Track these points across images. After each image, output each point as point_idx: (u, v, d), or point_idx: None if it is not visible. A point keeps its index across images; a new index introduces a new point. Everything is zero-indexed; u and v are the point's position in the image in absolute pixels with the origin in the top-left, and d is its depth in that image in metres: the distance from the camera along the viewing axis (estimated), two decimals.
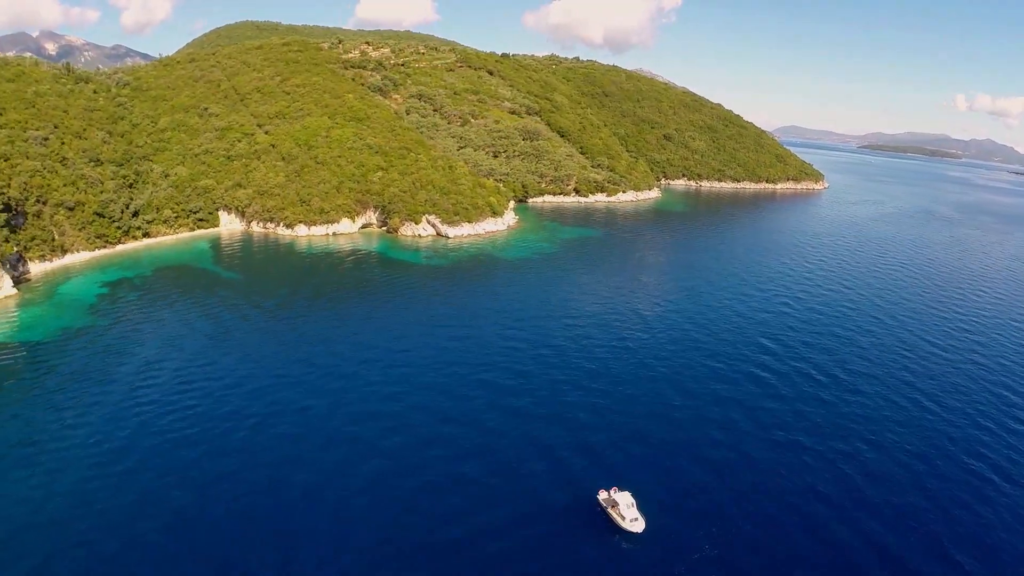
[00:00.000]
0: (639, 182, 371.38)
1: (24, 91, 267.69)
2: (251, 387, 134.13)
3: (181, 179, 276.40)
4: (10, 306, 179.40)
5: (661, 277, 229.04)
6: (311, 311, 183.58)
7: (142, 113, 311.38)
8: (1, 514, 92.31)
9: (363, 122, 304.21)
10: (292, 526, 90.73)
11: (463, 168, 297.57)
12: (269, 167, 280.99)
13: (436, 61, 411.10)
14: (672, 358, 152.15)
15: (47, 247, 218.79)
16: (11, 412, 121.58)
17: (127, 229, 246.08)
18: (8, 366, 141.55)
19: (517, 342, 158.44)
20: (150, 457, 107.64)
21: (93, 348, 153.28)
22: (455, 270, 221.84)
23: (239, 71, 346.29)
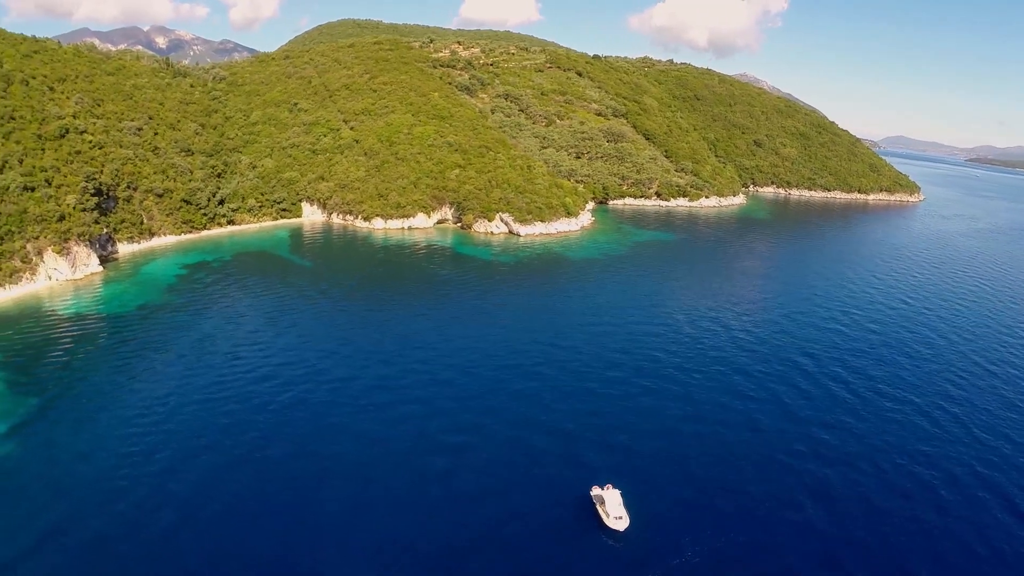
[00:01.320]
0: (723, 188, 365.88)
1: (123, 84, 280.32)
2: (293, 363, 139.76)
3: (267, 171, 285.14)
4: (96, 282, 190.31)
5: (718, 283, 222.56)
6: (374, 300, 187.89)
7: (235, 107, 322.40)
8: (66, 458, 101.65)
9: (446, 120, 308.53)
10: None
11: (541, 168, 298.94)
12: (351, 161, 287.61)
13: (525, 61, 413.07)
14: (696, 368, 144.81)
15: (135, 230, 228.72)
16: (83, 375, 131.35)
17: (212, 216, 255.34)
18: (86, 335, 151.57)
19: (549, 342, 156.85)
20: (188, 418, 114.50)
21: (164, 322, 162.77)
22: (519, 268, 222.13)
23: (330, 68, 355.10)
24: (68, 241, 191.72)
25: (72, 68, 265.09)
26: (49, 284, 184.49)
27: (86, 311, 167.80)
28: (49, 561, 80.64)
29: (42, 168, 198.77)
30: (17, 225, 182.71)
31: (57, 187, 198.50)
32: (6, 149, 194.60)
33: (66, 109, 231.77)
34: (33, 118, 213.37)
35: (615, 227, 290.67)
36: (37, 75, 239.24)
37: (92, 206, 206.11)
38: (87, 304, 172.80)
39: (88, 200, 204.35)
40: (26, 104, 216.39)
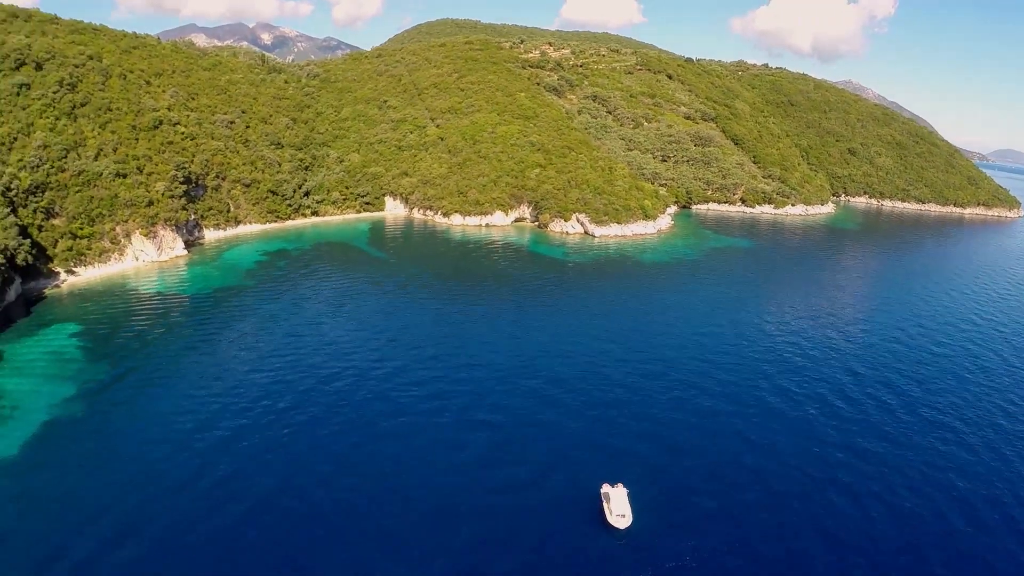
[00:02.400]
0: (811, 196, 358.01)
1: (218, 79, 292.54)
2: (348, 346, 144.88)
3: (354, 165, 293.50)
4: (179, 264, 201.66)
5: (784, 291, 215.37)
6: (439, 292, 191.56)
7: (327, 103, 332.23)
8: (124, 421, 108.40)
9: (530, 120, 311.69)
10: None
11: (623, 170, 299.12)
12: (435, 158, 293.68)
13: (615, 63, 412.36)
14: (733, 375, 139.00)
15: (222, 217, 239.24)
16: (153, 348, 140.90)
17: (297, 207, 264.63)
18: (163, 312, 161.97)
19: (587, 344, 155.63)
20: (242, 391, 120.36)
21: (237, 304, 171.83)
22: (588, 268, 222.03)
23: (420, 67, 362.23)
24: (155, 225, 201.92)
25: (169, 63, 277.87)
26: (135, 265, 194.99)
27: (166, 291, 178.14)
28: (108, 511, 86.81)
29: (134, 156, 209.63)
30: (108, 209, 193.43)
31: (148, 175, 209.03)
32: (102, 138, 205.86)
33: (161, 102, 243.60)
34: (129, 110, 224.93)
35: (693, 232, 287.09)
36: (135, 69, 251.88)
37: (180, 193, 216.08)
38: (168, 284, 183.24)
39: (176, 188, 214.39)
40: (123, 97, 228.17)
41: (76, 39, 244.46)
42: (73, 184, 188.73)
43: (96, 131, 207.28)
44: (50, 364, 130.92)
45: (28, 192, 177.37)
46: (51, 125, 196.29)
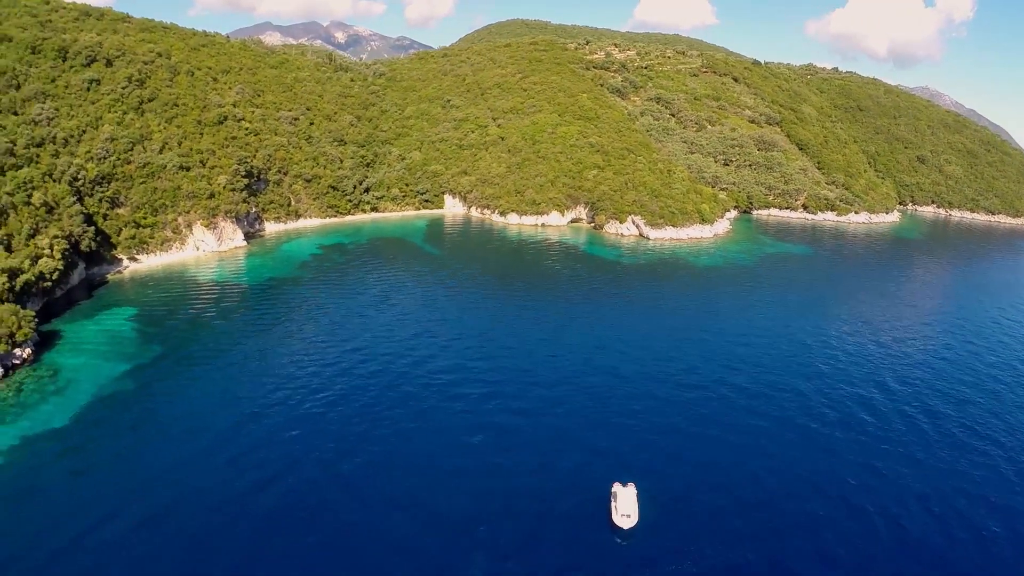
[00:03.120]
0: (875, 204, 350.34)
1: (284, 77, 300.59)
2: (385, 337, 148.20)
3: (415, 163, 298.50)
4: (238, 255, 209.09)
5: (831, 300, 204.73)
6: (487, 288, 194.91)
7: (391, 101, 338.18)
8: (166, 398, 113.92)
9: (591, 121, 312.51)
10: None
11: (682, 173, 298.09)
12: (494, 158, 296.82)
13: (680, 65, 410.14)
14: (758, 388, 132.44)
15: (283, 211, 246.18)
16: (203, 331, 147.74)
17: (357, 203, 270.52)
18: (217, 299, 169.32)
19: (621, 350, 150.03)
20: (280, 373, 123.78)
21: (288, 293, 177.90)
22: (639, 270, 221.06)
23: (485, 67, 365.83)
24: (216, 216, 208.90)
25: (237, 61, 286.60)
26: (196, 254, 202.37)
27: (223, 279, 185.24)
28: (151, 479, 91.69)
29: (198, 150, 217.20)
30: (171, 200, 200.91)
31: (210, 168, 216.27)
32: (167, 132, 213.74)
33: (227, 98, 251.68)
34: (195, 105, 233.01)
35: (750, 237, 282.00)
36: (203, 67, 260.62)
37: (241, 187, 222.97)
38: (225, 273, 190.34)
39: (238, 181, 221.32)
40: (190, 93, 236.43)
41: (146, 37, 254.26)
42: (138, 175, 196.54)
43: (162, 125, 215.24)
44: (105, 343, 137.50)
45: (94, 182, 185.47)
46: (119, 119, 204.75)
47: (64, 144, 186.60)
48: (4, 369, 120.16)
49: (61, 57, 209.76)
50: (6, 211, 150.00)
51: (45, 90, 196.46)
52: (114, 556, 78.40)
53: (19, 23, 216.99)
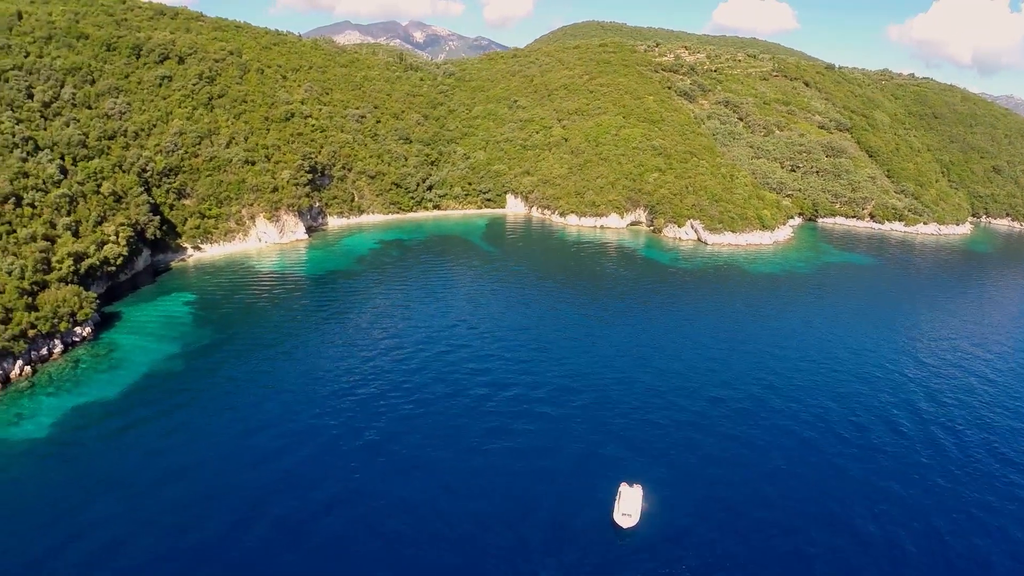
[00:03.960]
0: (944, 215, 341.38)
1: (354, 75, 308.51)
2: (426, 330, 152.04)
3: (478, 162, 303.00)
4: (299, 247, 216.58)
5: (888, 315, 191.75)
6: (535, 287, 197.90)
7: (459, 101, 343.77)
8: (213, 378, 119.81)
9: (656, 124, 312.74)
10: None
11: (745, 178, 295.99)
12: (557, 159, 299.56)
13: (751, 69, 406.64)
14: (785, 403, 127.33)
15: (346, 206, 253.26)
16: (257, 319, 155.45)
17: (420, 200, 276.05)
18: (274, 288, 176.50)
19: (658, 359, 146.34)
20: (326, 361, 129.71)
21: (342, 286, 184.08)
22: (692, 275, 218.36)
23: (553, 68, 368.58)
24: (278, 210, 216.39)
25: (307, 59, 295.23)
26: (258, 245, 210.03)
27: (281, 270, 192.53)
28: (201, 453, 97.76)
29: (264, 146, 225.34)
30: (235, 192, 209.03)
31: (275, 163, 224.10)
32: (235, 127, 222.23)
33: (295, 95, 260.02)
34: (263, 102, 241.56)
35: (812, 245, 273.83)
36: (272, 65, 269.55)
37: (305, 182, 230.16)
38: (284, 264, 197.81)
39: (302, 176, 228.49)
40: (259, 90, 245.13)
41: (218, 36, 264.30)
42: (204, 168, 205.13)
43: (230, 121, 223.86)
44: (161, 326, 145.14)
45: (162, 174, 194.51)
46: (188, 114, 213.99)
47: (135, 137, 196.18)
48: (64, 345, 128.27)
49: (135, 54, 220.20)
50: (76, 199, 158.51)
51: (118, 86, 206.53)
52: (132, 515, 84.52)
53: (96, 22, 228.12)
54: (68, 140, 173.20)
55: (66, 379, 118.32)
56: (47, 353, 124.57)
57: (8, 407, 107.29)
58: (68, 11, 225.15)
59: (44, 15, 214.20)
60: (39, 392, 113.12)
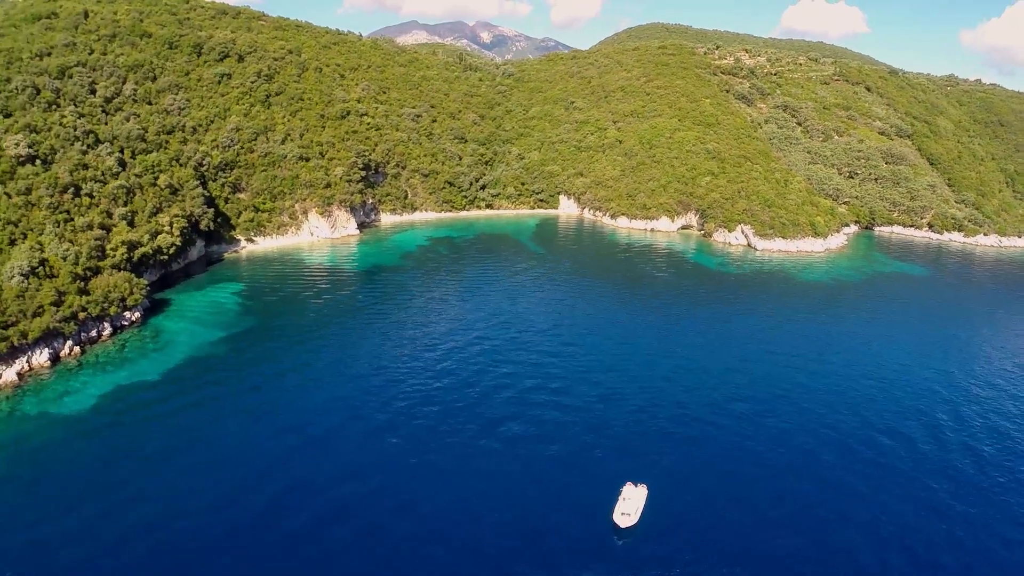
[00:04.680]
0: (1006, 226, 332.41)
1: (412, 75, 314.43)
2: (458, 324, 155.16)
3: (532, 162, 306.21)
4: (350, 242, 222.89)
5: (929, 329, 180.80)
6: (577, 287, 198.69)
7: (517, 101, 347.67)
8: (250, 364, 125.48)
9: (711, 127, 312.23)
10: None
11: (799, 184, 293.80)
12: (610, 160, 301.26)
13: (812, 73, 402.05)
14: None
15: (399, 203, 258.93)
16: (300, 308, 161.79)
17: (473, 199, 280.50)
18: (320, 280, 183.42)
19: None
20: (359, 350, 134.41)
21: (385, 280, 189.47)
22: (737, 281, 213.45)
23: (611, 69, 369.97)
24: (331, 205, 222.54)
25: (366, 59, 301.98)
26: (310, 239, 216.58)
27: (329, 263, 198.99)
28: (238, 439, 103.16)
29: (318, 143, 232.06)
30: (289, 187, 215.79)
31: (329, 159, 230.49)
32: (290, 124, 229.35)
33: (352, 94, 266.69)
34: (320, 100, 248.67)
35: (864, 254, 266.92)
36: (331, 64, 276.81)
37: (358, 178, 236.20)
38: (332, 258, 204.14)
39: (355, 173, 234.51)
40: (316, 88, 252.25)
41: (279, 35, 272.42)
42: (259, 164, 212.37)
43: (286, 118, 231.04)
44: (208, 313, 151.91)
45: (218, 168, 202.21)
46: (245, 111, 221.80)
47: (192, 132, 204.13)
48: (113, 328, 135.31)
49: (196, 52, 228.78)
50: (133, 191, 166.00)
51: (179, 82, 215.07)
52: (160, 487, 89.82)
53: (159, 20, 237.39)
54: (128, 134, 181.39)
55: (112, 360, 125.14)
56: (96, 335, 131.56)
57: (56, 384, 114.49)
58: (133, 10, 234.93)
59: (109, 14, 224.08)
60: (86, 371, 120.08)
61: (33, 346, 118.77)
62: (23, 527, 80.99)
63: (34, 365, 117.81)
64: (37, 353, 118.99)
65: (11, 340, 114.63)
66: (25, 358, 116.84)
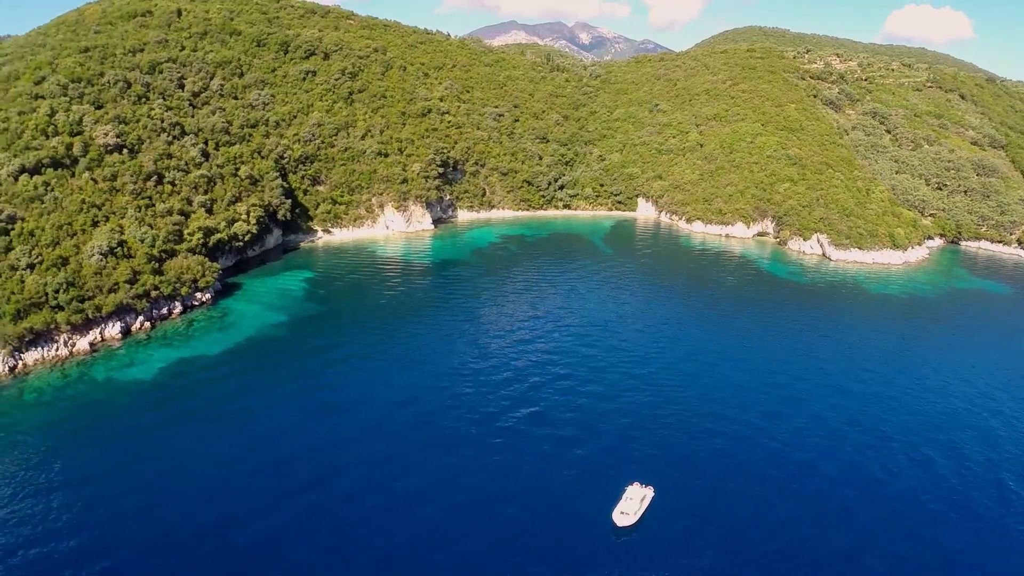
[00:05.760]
0: None
1: (497, 75, 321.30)
2: (500, 314, 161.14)
3: (613, 164, 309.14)
4: (424, 237, 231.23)
5: (996, 353, 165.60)
6: (633, 287, 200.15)
7: (602, 103, 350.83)
8: (302, 345, 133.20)
9: (794, 133, 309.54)
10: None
11: (881, 193, 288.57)
12: (689, 164, 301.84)
13: (904, 79, 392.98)
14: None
15: (476, 200, 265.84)
16: (361, 295, 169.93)
17: (550, 198, 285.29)
18: (387, 271, 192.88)
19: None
20: (413, 340, 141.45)
21: (449, 274, 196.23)
22: (802, 290, 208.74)
23: (697, 72, 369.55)
24: (406, 200, 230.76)
25: (452, 58, 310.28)
26: (385, 232, 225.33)
27: (399, 255, 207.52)
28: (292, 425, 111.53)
29: (398, 139, 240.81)
30: (367, 182, 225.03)
31: (407, 156, 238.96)
32: (371, 121, 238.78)
33: (434, 92, 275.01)
34: (402, 98, 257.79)
35: (945, 269, 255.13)
36: (415, 62, 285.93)
37: (435, 175, 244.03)
38: (404, 251, 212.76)
39: (432, 169, 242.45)
40: (399, 86, 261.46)
41: (365, 34, 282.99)
42: (339, 158, 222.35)
43: (368, 114, 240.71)
44: (276, 297, 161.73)
45: (299, 161, 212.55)
46: (328, 107, 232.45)
47: (275, 126, 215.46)
48: (183, 307, 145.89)
49: (283, 50, 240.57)
50: (214, 180, 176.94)
51: (264, 79, 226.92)
52: (207, 451, 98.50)
53: (249, 19, 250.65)
54: (212, 127, 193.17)
55: (179, 336, 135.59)
56: (167, 312, 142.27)
57: (124, 354, 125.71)
58: (224, 9, 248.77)
59: (202, 12, 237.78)
60: (152, 344, 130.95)
61: (106, 319, 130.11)
62: (80, 483, 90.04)
63: (106, 336, 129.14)
64: (110, 326, 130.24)
65: (86, 313, 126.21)
66: (98, 330, 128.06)
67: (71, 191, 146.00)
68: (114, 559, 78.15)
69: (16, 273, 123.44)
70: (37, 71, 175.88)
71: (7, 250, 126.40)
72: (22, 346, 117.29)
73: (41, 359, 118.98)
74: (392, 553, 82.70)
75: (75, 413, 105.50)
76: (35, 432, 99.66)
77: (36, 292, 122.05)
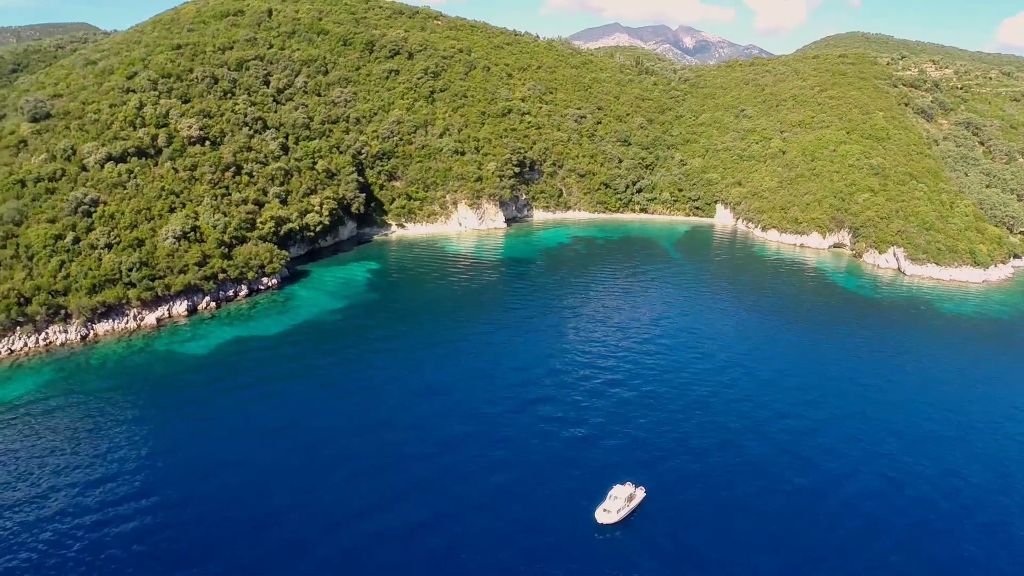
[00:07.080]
0: None
1: (582, 77, 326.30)
2: (550, 312, 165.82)
3: (693, 169, 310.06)
4: (496, 235, 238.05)
5: None
6: (691, 294, 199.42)
7: (689, 107, 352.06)
8: (355, 331, 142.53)
9: (880, 141, 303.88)
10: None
11: (967, 208, 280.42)
12: (769, 171, 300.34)
13: (1002, 88, 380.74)
14: None
15: (552, 201, 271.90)
16: (420, 289, 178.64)
17: (627, 202, 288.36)
18: (448, 265, 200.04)
19: None
20: (457, 332, 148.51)
21: (513, 272, 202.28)
22: (867, 305, 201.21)
23: (785, 78, 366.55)
24: (480, 198, 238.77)
25: (538, 59, 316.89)
26: (458, 229, 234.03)
27: (467, 252, 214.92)
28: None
29: (475, 138, 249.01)
30: (442, 179, 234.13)
31: (483, 155, 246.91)
32: (450, 120, 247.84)
33: (516, 93, 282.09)
34: (483, 98, 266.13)
35: None
36: (499, 63, 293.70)
37: (511, 174, 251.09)
38: (473, 248, 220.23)
39: (507, 169, 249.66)
40: (481, 86, 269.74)
41: (451, 34, 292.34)
42: (416, 155, 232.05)
43: (447, 113, 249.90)
44: (340, 286, 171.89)
45: (376, 157, 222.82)
46: (408, 105, 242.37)
47: (355, 123, 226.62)
48: (249, 290, 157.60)
49: (368, 49, 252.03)
50: (291, 173, 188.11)
51: (348, 77, 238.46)
52: (249, 421, 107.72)
53: (337, 19, 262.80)
54: (294, 122, 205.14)
55: (241, 316, 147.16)
56: (232, 295, 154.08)
57: (187, 330, 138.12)
58: (314, 9, 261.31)
59: (291, 12, 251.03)
60: (215, 322, 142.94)
61: (174, 297, 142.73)
62: (131, 444, 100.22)
63: (173, 314, 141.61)
64: (177, 304, 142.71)
65: (156, 291, 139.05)
66: (166, 307, 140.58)
67: (152, 179, 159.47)
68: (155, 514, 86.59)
69: (95, 251, 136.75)
70: (130, 67, 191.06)
71: (88, 230, 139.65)
72: (94, 317, 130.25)
73: (111, 330, 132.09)
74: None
75: (133, 379, 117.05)
76: (94, 394, 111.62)
77: (111, 269, 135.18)
